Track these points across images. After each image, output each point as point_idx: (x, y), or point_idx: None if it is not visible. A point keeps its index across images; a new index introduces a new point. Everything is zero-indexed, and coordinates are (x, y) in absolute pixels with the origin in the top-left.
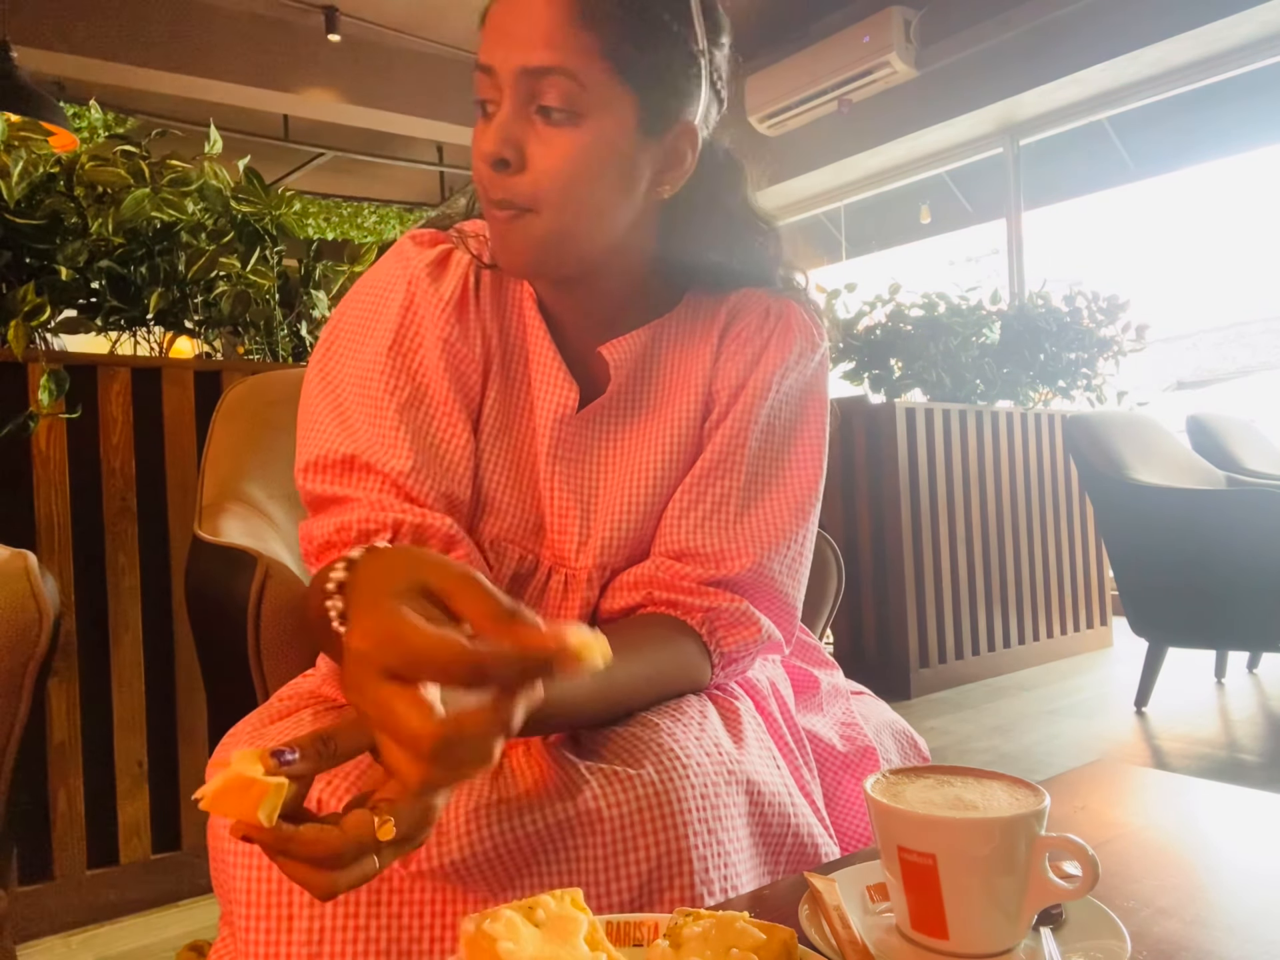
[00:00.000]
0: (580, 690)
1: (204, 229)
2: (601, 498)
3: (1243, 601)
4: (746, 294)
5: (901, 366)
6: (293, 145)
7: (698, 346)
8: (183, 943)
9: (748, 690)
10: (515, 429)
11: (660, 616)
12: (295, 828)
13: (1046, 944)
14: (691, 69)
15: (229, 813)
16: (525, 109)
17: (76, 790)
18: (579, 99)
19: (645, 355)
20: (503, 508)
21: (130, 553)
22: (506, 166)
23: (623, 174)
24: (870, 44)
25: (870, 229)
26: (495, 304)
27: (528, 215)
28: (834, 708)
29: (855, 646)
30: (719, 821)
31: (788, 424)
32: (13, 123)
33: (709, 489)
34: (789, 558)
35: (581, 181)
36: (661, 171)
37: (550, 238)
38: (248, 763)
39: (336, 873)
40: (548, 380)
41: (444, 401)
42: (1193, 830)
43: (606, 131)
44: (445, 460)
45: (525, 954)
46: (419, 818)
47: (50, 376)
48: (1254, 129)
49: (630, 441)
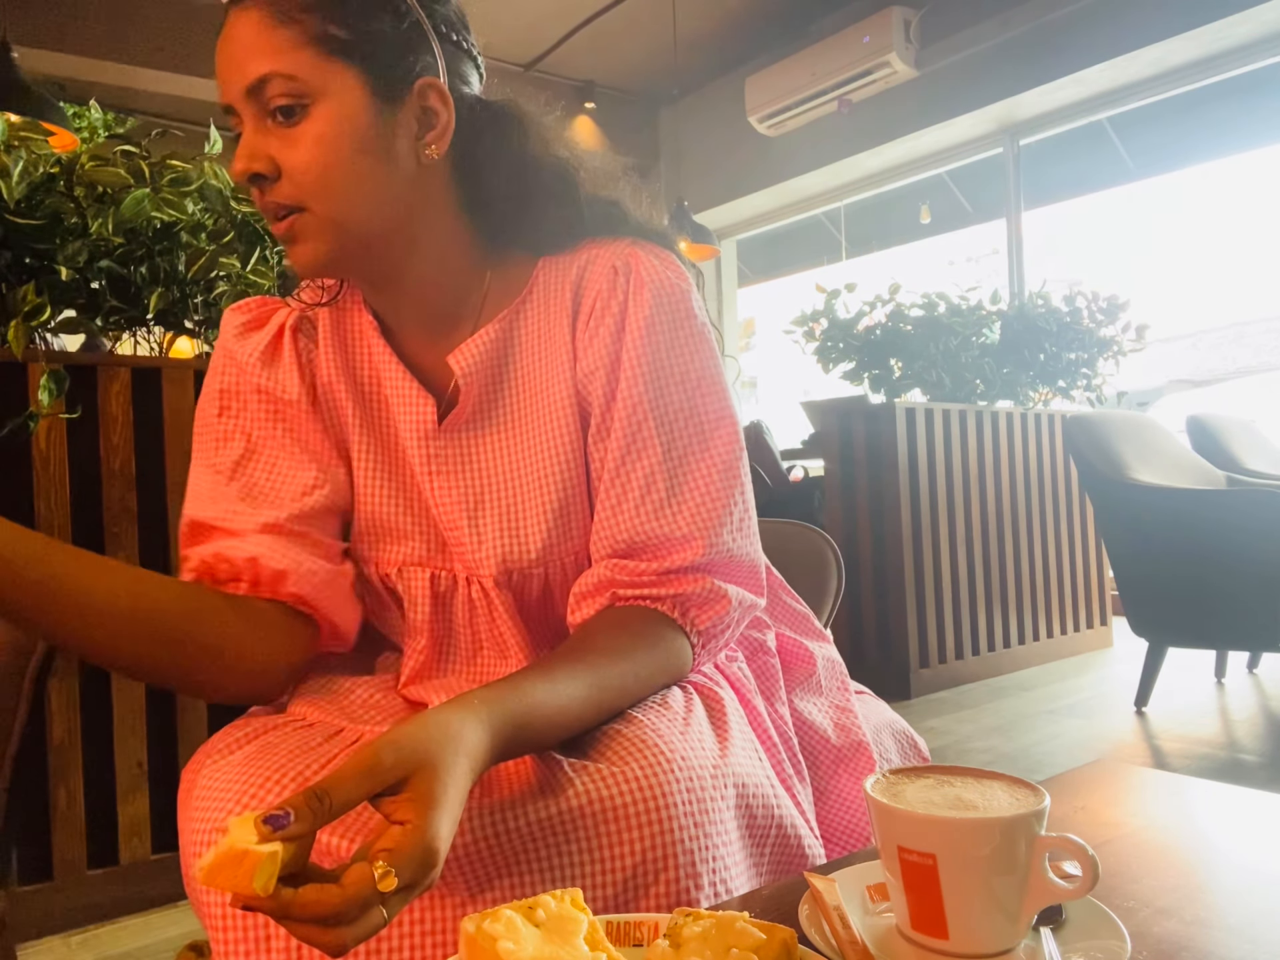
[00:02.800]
0: (574, 697)
1: (204, 229)
2: (488, 502)
3: (1243, 601)
4: (591, 254)
5: (901, 366)
6: None
7: (556, 325)
8: (183, 943)
9: (732, 683)
10: (390, 453)
11: (632, 609)
12: (295, 892)
13: (1046, 944)
14: (405, 28)
15: (225, 886)
16: (262, 123)
17: (76, 790)
18: (301, 92)
19: (500, 350)
20: (402, 532)
21: (130, 553)
22: (263, 179)
23: (373, 146)
24: (870, 44)
25: (870, 229)
26: (336, 341)
27: (300, 215)
28: (832, 685)
29: (855, 646)
30: (705, 816)
31: (686, 383)
32: (13, 123)
33: (631, 476)
34: (735, 521)
35: (334, 166)
36: (420, 134)
37: (329, 227)
38: (242, 830)
39: (343, 929)
40: (402, 399)
41: (280, 448)
42: (1193, 830)
43: (339, 112)
44: (276, 496)
45: (525, 954)
46: (420, 863)
47: (50, 376)
48: (1254, 129)
49: (506, 441)
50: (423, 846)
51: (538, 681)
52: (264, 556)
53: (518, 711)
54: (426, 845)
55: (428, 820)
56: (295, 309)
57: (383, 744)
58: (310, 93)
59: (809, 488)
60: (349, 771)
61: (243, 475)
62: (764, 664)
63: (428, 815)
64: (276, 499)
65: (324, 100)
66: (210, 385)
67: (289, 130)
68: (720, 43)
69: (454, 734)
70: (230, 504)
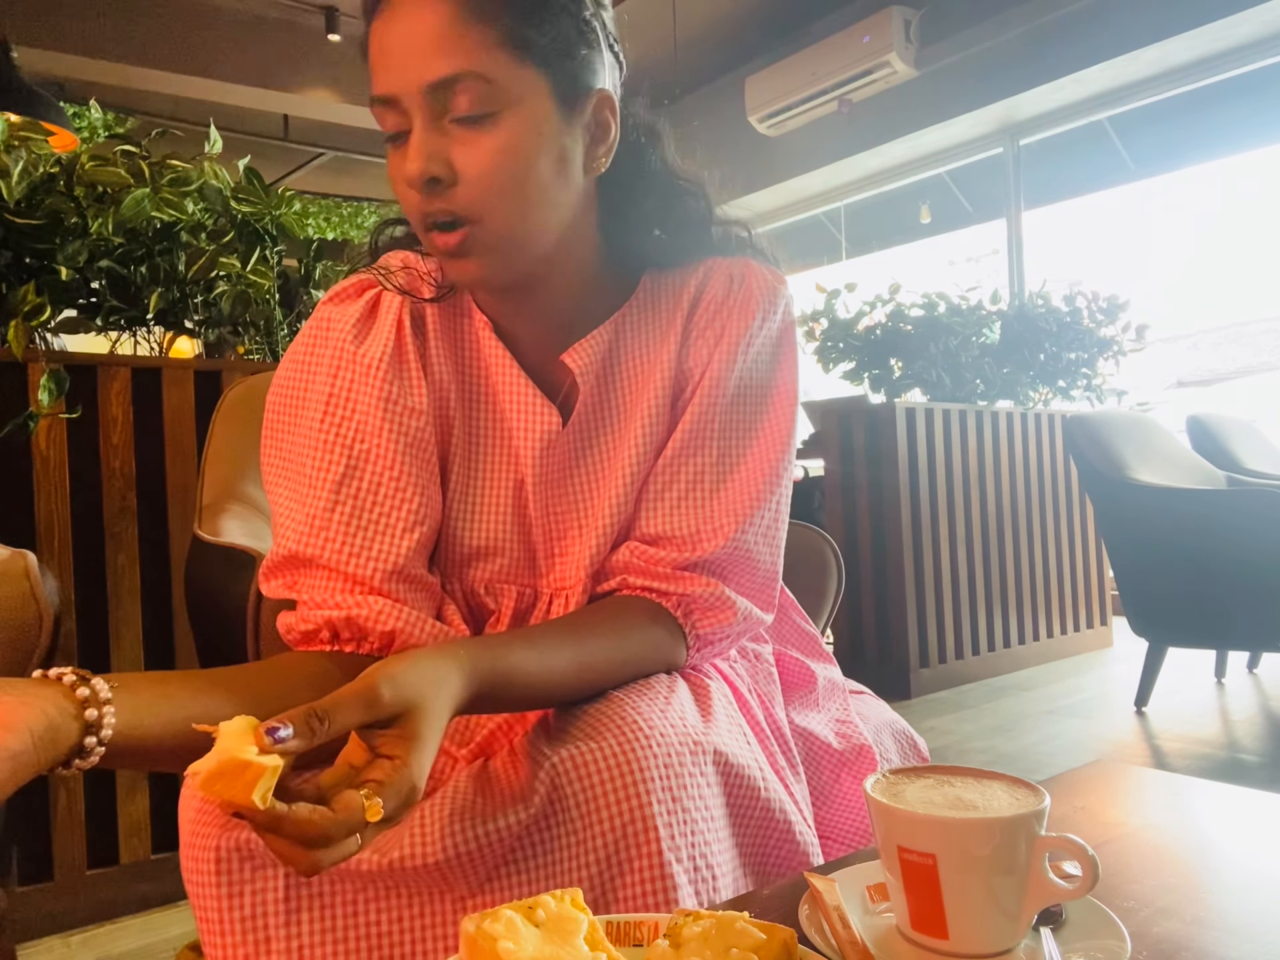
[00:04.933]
0: (555, 668)
1: (204, 229)
2: (592, 509)
3: (1243, 601)
4: (711, 264)
5: (901, 366)
6: (293, 145)
7: (663, 330)
8: (183, 943)
9: (725, 678)
10: (490, 467)
11: (635, 599)
12: (288, 807)
13: (1046, 944)
14: (589, 35)
15: (223, 794)
16: (439, 123)
17: (76, 790)
18: (492, 97)
19: (609, 352)
20: (495, 549)
21: (130, 553)
22: (438, 184)
23: (556, 159)
24: (870, 44)
25: (870, 229)
26: (448, 343)
27: (473, 227)
28: (830, 704)
29: (855, 646)
30: (684, 790)
31: (760, 389)
32: (13, 123)
33: (682, 469)
34: (764, 525)
35: (518, 179)
36: (591, 146)
37: (502, 244)
38: (239, 739)
39: (321, 851)
40: (523, 407)
41: (389, 465)
42: (1193, 830)
43: (528, 120)
44: (390, 531)
45: (525, 954)
46: (404, 799)
47: (50, 376)
48: (1254, 129)
49: (609, 445)
50: (409, 783)
51: (524, 647)
52: (402, 632)
53: (498, 670)
54: (413, 783)
55: (415, 758)
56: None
57: (381, 678)
58: (501, 99)
59: (809, 488)
60: (348, 698)
61: (348, 499)
62: (762, 670)
63: (415, 753)
64: (388, 532)
65: (513, 107)
66: (313, 386)
67: (470, 134)
68: (720, 43)
69: (443, 680)
70: (337, 536)
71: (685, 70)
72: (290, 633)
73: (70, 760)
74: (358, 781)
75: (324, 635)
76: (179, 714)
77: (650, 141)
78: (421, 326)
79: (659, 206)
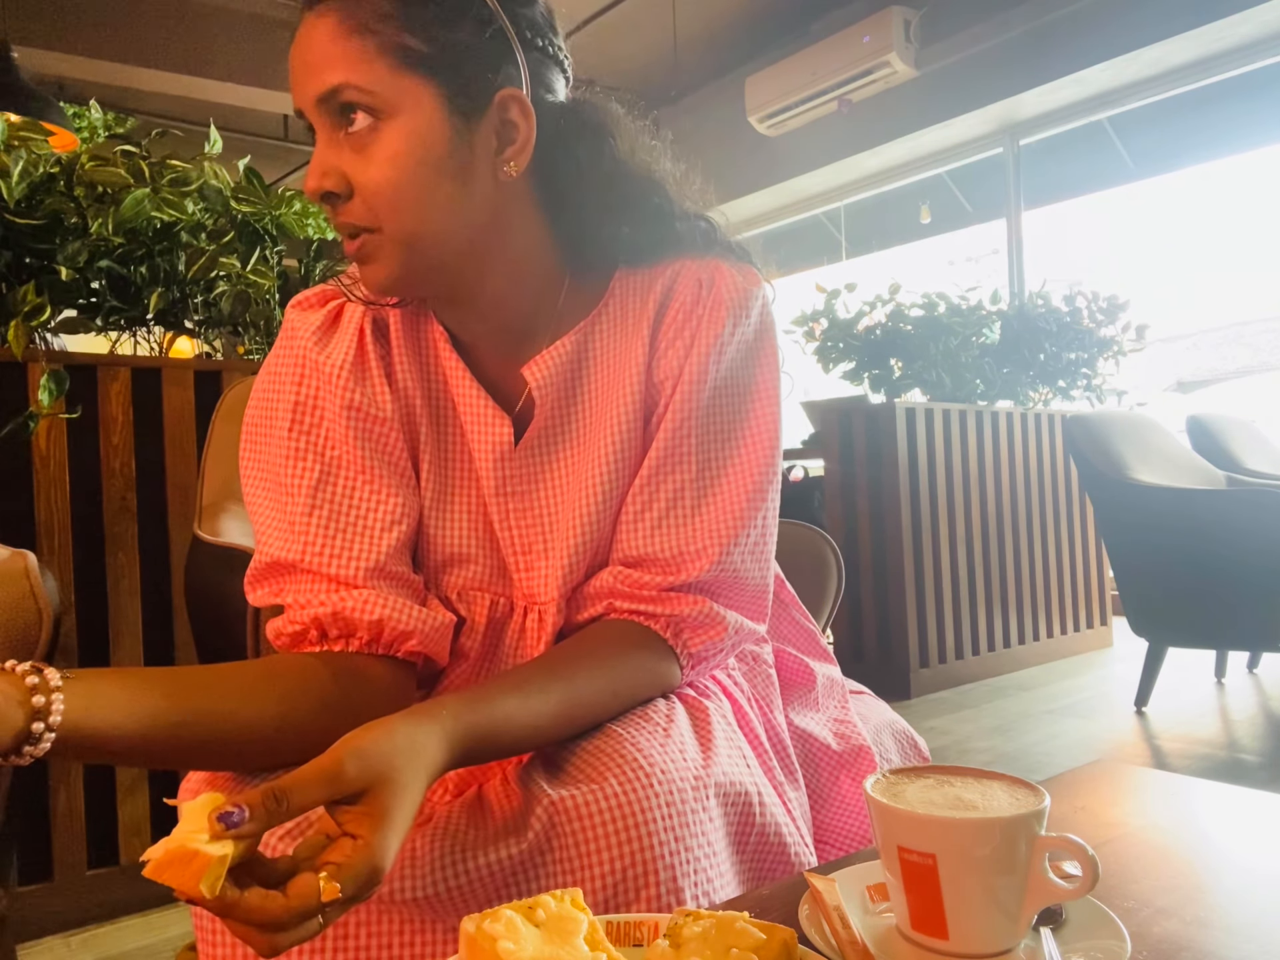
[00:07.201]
0: (545, 712)
1: (204, 229)
2: (559, 523)
3: (1243, 601)
4: (679, 266)
5: (901, 366)
6: (293, 145)
7: (631, 338)
8: (183, 943)
9: (723, 688)
10: (458, 475)
11: (623, 624)
12: (240, 894)
13: (1046, 944)
14: (487, 36)
15: (172, 883)
16: (334, 135)
17: (76, 790)
18: (373, 106)
19: (574, 364)
20: (466, 556)
21: (130, 553)
22: (335, 198)
23: (450, 163)
24: (870, 44)
25: (870, 229)
26: (411, 352)
27: (373, 235)
28: (829, 703)
29: (855, 646)
30: (686, 829)
31: (737, 398)
32: (13, 123)
33: (660, 488)
34: (750, 543)
35: (407, 185)
36: (500, 149)
37: (402, 249)
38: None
39: (279, 935)
40: (476, 418)
41: (361, 470)
42: (1193, 830)
43: (413, 129)
44: (369, 532)
45: (525, 954)
46: (364, 881)
47: (50, 376)
48: (1254, 129)
49: (576, 458)
50: (371, 865)
51: (510, 694)
52: (389, 619)
53: (485, 724)
54: (375, 865)
55: (379, 838)
56: (360, 309)
57: (347, 752)
58: (384, 107)
59: (809, 488)
60: (311, 775)
61: (324, 504)
62: (760, 673)
63: (380, 833)
64: (366, 533)
65: (397, 116)
66: (281, 394)
67: (359, 144)
68: (720, 43)
69: (418, 749)
70: (317, 539)
71: (685, 70)
72: (279, 637)
73: (20, 746)
74: (317, 863)
75: (312, 635)
76: (136, 706)
77: (591, 132)
78: (385, 335)
79: (618, 201)
